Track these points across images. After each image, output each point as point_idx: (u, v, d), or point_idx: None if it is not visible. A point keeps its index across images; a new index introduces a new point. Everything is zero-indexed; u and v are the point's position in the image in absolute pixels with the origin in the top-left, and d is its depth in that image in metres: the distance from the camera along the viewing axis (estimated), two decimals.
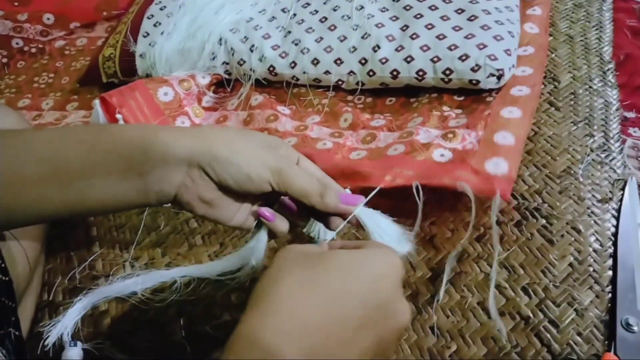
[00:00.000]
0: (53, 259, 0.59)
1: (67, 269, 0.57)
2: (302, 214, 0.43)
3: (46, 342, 0.47)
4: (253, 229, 0.44)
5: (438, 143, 0.57)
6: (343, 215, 0.42)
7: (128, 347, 0.49)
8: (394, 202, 0.49)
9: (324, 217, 0.43)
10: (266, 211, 0.42)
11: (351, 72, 0.70)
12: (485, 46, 0.63)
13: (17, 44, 1.03)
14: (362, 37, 0.71)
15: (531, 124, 0.60)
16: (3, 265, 0.44)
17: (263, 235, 0.44)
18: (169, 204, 0.41)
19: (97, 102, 0.68)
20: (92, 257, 0.58)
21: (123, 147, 0.38)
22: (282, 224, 0.43)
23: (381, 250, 0.35)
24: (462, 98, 0.66)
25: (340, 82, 0.72)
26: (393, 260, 0.34)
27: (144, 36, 0.82)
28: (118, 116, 0.66)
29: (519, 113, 0.59)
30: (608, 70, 0.67)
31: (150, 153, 0.38)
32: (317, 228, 0.47)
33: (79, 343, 0.48)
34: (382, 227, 0.44)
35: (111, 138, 0.38)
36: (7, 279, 0.44)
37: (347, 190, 0.47)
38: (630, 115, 0.63)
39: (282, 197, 0.43)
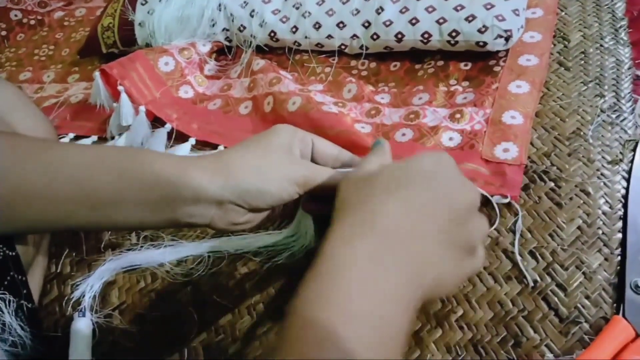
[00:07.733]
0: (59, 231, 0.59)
1: (74, 240, 0.57)
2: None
3: (71, 296, 0.50)
4: (297, 215, 0.46)
5: (446, 125, 0.57)
6: None
7: (135, 316, 0.50)
8: None
9: None
10: (311, 204, 0.44)
11: (354, 36, 0.69)
12: (492, 6, 0.61)
13: (15, 16, 1.02)
14: None
15: (539, 97, 0.58)
16: (9, 240, 0.44)
17: (311, 224, 0.46)
18: None
19: (97, 74, 0.66)
20: None
21: (153, 181, 0.38)
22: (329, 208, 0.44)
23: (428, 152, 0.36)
24: (468, 67, 0.64)
25: (343, 47, 0.71)
26: (443, 156, 0.36)
27: (142, 4, 0.80)
28: (120, 88, 0.65)
29: (527, 87, 0.58)
30: (620, 27, 0.65)
31: (182, 191, 0.38)
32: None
33: (87, 313, 0.49)
34: None
35: (141, 169, 0.39)
36: (14, 253, 0.44)
37: None
38: None
39: (303, 203, 0.45)
